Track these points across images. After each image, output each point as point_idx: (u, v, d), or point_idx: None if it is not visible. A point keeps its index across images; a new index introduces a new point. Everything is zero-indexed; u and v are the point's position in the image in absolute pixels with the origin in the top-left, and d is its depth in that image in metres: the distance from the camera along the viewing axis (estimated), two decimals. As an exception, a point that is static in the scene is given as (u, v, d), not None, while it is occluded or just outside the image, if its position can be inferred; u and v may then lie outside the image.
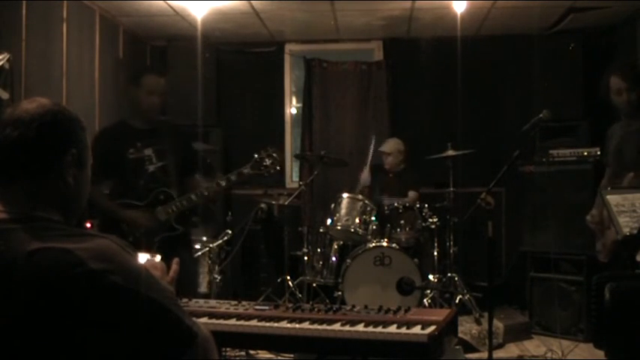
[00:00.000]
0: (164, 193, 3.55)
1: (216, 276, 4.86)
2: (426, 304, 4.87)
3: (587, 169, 5.19)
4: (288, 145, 6.72)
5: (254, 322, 2.12)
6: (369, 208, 5.14)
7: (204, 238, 4.92)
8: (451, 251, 5.29)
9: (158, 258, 1.64)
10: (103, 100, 5.40)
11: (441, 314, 2.11)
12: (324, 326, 2.04)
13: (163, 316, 1.26)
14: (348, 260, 4.92)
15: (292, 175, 6.78)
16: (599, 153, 5.23)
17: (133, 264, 1.28)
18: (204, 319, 2.11)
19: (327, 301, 5.14)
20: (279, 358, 4.41)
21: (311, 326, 2.06)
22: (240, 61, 6.59)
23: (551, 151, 5.39)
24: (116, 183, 3.56)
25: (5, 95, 3.82)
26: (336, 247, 5.28)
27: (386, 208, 5.19)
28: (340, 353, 2.14)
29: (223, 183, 3.60)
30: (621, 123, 3.85)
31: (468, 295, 5.08)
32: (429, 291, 4.97)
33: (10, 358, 1.18)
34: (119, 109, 5.74)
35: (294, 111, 6.87)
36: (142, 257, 1.55)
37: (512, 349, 4.76)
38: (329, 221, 5.15)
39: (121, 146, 3.50)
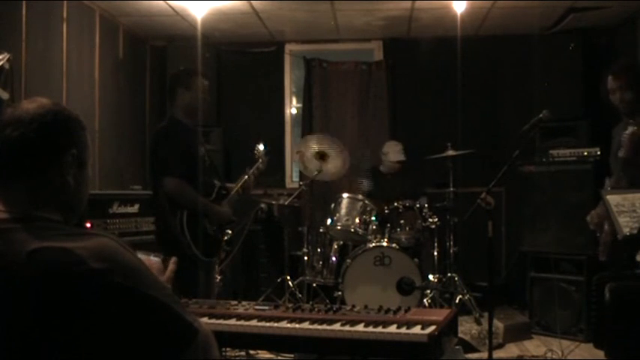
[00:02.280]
0: (224, 188, 3.84)
1: (216, 276, 4.85)
2: (426, 304, 4.87)
3: (587, 169, 5.19)
4: (288, 145, 6.72)
5: (254, 322, 2.12)
6: (369, 208, 5.14)
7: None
8: (451, 251, 5.29)
9: (155, 257, 1.64)
10: (103, 100, 5.40)
11: (441, 314, 2.10)
12: (324, 326, 2.04)
13: (164, 314, 1.26)
14: (348, 260, 4.92)
15: (292, 175, 6.78)
16: (599, 153, 5.23)
17: (133, 262, 1.28)
18: (204, 319, 2.11)
19: (327, 301, 5.14)
20: (279, 358, 4.41)
21: (311, 326, 2.05)
22: (240, 61, 6.59)
23: (551, 151, 5.39)
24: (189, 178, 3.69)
25: (5, 95, 3.82)
26: (336, 247, 5.27)
27: (386, 208, 5.19)
28: (340, 353, 2.14)
29: (262, 166, 4.12)
30: (621, 124, 3.83)
31: (468, 295, 5.08)
32: (429, 291, 4.97)
33: (11, 358, 1.18)
34: (119, 109, 5.76)
35: (294, 111, 6.87)
36: (140, 257, 1.55)
37: (512, 349, 4.76)
38: (329, 221, 5.15)
39: (188, 143, 3.70)
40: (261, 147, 4.25)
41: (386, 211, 5.17)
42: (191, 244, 3.55)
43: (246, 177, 3.99)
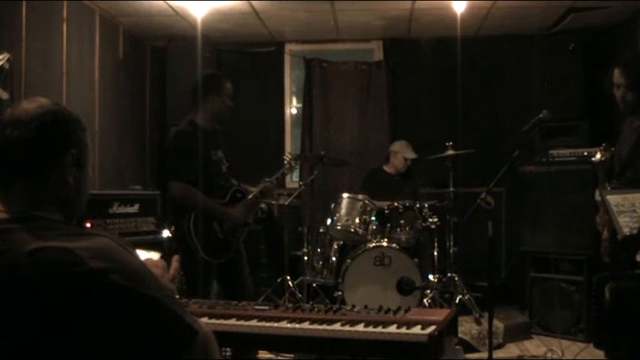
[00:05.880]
0: (239, 192, 3.84)
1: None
2: (426, 304, 4.87)
3: (587, 169, 5.18)
4: (288, 145, 6.72)
5: (254, 322, 2.11)
6: (369, 208, 5.13)
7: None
8: (451, 251, 5.29)
9: (157, 256, 1.64)
10: (102, 100, 5.40)
11: (441, 314, 2.10)
12: (324, 326, 2.04)
13: (163, 314, 1.26)
14: (348, 260, 4.92)
15: (292, 175, 6.78)
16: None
17: (133, 262, 1.28)
18: (204, 319, 2.11)
19: (327, 301, 5.14)
20: (279, 358, 4.41)
21: (311, 326, 2.05)
22: (240, 61, 6.59)
23: (551, 151, 5.38)
24: (197, 181, 3.66)
25: (5, 95, 3.82)
26: (336, 247, 5.27)
27: (386, 208, 5.19)
28: (340, 353, 2.14)
29: (275, 181, 4.07)
30: (626, 123, 3.77)
31: (468, 295, 5.08)
32: (429, 291, 4.97)
33: (10, 357, 1.18)
34: (119, 109, 5.76)
35: (294, 111, 6.87)
36: (142, 255, 1.55)
37: (512, 349, 4.76)
38: (329, 221, 5.15)
39: (202, 147, 3.66)
40: (288, 155, 4.44)
41: (386, 211, 5.17)
42: (198, 247, 3.54)
43: (267, 182, 3.99)
